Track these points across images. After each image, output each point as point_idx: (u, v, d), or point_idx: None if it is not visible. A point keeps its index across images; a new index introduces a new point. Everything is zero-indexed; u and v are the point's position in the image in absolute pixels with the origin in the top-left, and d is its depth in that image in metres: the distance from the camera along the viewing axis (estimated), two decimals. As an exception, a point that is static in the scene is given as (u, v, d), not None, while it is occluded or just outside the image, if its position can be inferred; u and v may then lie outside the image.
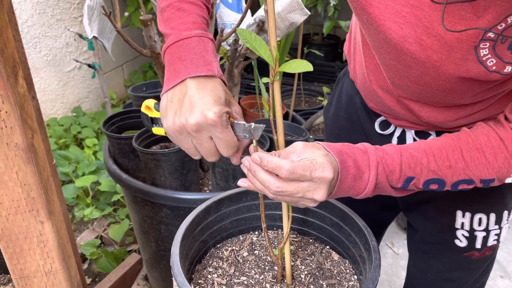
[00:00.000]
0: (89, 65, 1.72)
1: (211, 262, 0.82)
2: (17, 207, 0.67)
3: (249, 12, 1.45)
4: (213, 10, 1.32)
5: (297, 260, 0.83)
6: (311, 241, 0.89)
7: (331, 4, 2.40)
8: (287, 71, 0.60)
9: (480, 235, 0.86)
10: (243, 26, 1.43)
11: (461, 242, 0.88)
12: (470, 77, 0.62)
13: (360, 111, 0.93)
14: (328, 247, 0.87)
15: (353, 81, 0.94)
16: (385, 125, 0.88)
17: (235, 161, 0.67)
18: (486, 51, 0.58)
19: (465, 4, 0.56)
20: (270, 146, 1.33)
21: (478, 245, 0.87)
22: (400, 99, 0.77)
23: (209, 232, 0.84)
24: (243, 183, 0.64)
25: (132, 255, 1.74)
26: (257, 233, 0.90)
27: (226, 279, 0.77)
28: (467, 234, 0.87)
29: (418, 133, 0.84)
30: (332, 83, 2.65)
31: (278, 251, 0.74)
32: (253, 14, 1.51)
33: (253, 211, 0.88)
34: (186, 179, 1.32)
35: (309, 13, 1.29)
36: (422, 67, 0.65)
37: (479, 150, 0.65)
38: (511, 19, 0.54)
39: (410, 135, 0.84)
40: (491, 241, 0.87)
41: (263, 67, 2.31)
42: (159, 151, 1.27)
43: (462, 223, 0.86)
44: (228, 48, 1.45)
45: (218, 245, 0.87)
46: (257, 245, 0.86)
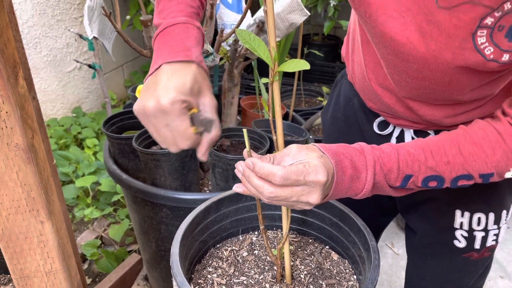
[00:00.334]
0: (90, 66, 1.72)
1: (210, 262, 0.82)
2: (17, 207, 0.68)
3: (249, 12, 1.45)
4: (213, 10, 1.32)
5: (296, 260, 0.83)
6: (311, 241, 0.89)
7: (331, 4, 2.41)
8: (285, 71, 0.60)
9: (479, 235, 0.86)
10: (243, 26, 1.43)
11: (460, 242, 0.88)
12: (467, 66, 0.62)
13: (358, 113, 0.93)
14: (327, 247, 0.87)
15: (351, 83, 0.94)
16: (383, 126, 0.88)
17: (200, 155, 0.67)
18: (483, 39, 0.58)
19: None
20: (270, 146, 1.33)
21: (477, 245, 0.87)
22: (399, 97, 0.78)
23: (209, 232, 0.84)
24: (238, 188, 0.64)
25: (132, 255, 1.74)
26: (256, 233, 0.90)
27: (225, 279, 0.78)
28: (466, 234, 0.87)
29: (416, 133, 0.84)
30: (332, 83, 2.64)
31: (277, 251, 0.74)
32: (253, 14, 1.51)
33: (253, 211, 0.88)
34: (186, 179, 1.32)
35: (309, 13, 1.29)
36: (420, 59, 0.64)
37: (477, 144, 0.65)
38: (507, 6, 0.54)
39: (408, 134, 0.84)
40: (489, 242, 0.87)
41: (263, 68, 2.31)
42: (159, 151, 1.27)
43: (461, 223, 0.86)
44: (228, 48, 1.45)
45: (217, 245, 0.87)
46: (257, 245, 0.86)
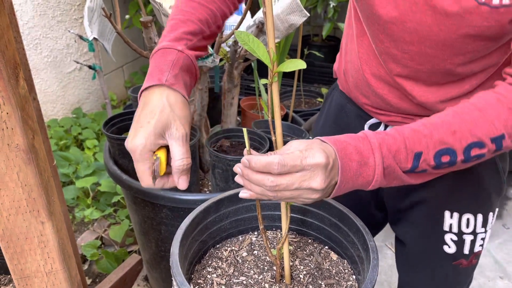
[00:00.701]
0: (90, 67, 1.72)
1: (210, 262, 0.83)
2: (18, 207, 0.68)
3: (248, 13, 1.45)
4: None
5: (296, 260, 0.83)
6: (310, 241, 0.89)
7: (331, 5, 2.41)
8: (283, 71, 0.60)
9: (468, 239, 0.87)
10: (242, 27, 1.44)
11: (450, 248, 0.88)
12: (461, 9, 0.63)
13: (350, 119, 0.94)
14: (326, 247, 0.87)
15: (343, 92, 0.96)
16: (374, 128, 0.89)
17: (178, 186, 0.68)
18: None
19: None
20: (269, 147, 1.33)
21: (466, 250, 0.88)
22: (392, 80, 0.78)
23: (209, 232, 0.84)
24: (244, 193, 0.63)
25: (132, 256, 1.74)
26: (256, 233, 0.90)
27: (225, 279, 0.78)
28: (455, 237, 0.87)
29: None
30: (332, 84, 2.65)
31: (276, 251, 0.75)
32: (252, 15, 1.51)
33: (252, 212, 0.88)
34: (186, 180, 1.32)
35: (309, 14, 1.29)
36: (417, 13, 0.66)
37: (480, 109, 0.63)
38: None
39: None
40: (477, 247, 0.88)
41: (263, 68, 2.31)
42: (159, 152, 1.28)
43: (450, 225, 0.87)
44: (228, 49, 1.45)
45: (217, 246, 0.87)
46: (256, 246, 0.87)
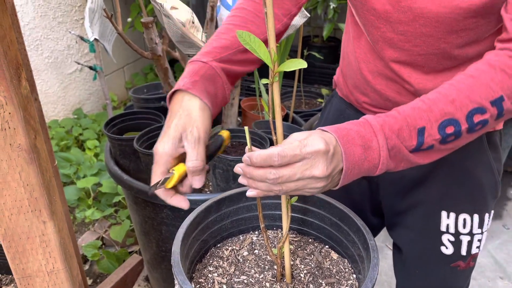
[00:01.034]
0: (90, 67, 1.73)
1: (211, 261, 0.83)
2: (20, 207, 0.68)
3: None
4: (213, 12, 1.33)
5: (296, 259, 0.84)
6: (311, 240, 0.89)
7: (331, 6, 2.42)
8: (284, 70, 0.61)
9: (465, 240, 0.87)
10: (243, 28, 1.44)
11: (447, 249, 0.88)
12: None
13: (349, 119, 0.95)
14: (327, 246, 0.88)
15: (342, 98, 0.97)
16: None
17: (194, 185, 0.71)
18: None
19: None
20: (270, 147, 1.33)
21: (463, 251, 0.88)
22: (390, 72, 0.79)
23: (210, 231, 0.85)
24: (250, 192, 0.63)
25: (133, 256, 1.74)
26: (257, 232, 0.91)
27: (226, 278, 0.78)
28: (452, 238, 0.87)
29: None
30: (332, 85, 2.65)
31: (277, 250, 0.75)
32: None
33: (253, 211, 0.88)
34: (186, 180, 1.33)
35: (309, 15, 1.30)
36: None
37: (473, 76, 0.62)
38: None
39: None
40: (474, 248, 0.88)
41: (264, 69, 2.31)
42: (160, 152, 1.28)
43: (447, 225, 0.87)
44: (228, 50, 1.46)
45: (218, 245, 0.88)
46: (257, 245, 0.87)
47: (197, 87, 0.70)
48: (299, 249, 0.87)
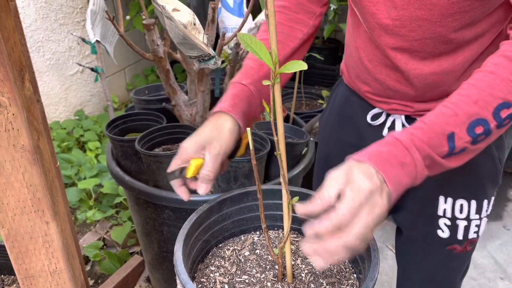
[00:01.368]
0: (92, 69, 1.74)
1: (213, 261, 0.83)
2: (23, 207, 0.69)
3: (250, 16, 1.46)
4: (215, 14, 1.34)
5: (297, 259, 0.84)
6: (312, 241, 0.90)
7: (331, 8, 2.42)
8: (285, 71, 0.61)
9: (461, 225, 0.89)
10: (244, 30, 1.45)
11: (444, 232, 0.90)
12: None
13: (354, 108, 0.97)
14: (328, 247, 0.88)
15: (347, 85, 0.99)
16: (376, 117, 0.92)
17: (199, 192, 0.80)
18: None
19: None
20: (270, 148, 1.34)
21: (459, 235, 0.90)
22: (389, 60, 0.80)
23: (211, 232, 0.85)
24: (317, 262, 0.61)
25: (134, 257, 1.74)
26: (258, 233, 0.91)
27: (228, 277, 0.79)
28: (449, 222, 0.89)
29: (407, 119, 0.87)
30: (332, 86, 2.66)
31: (278, 250, 0.75)
32: (254, 18, 1.52)
33: (255, 212, 0.89)
34: (188, 181, 1.33)
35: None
36: None
37: (492, 72, 0.62)
38: None
39: (399, 122, 0.88)
40: (471, 233, 0.90)
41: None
42: (162, 153, 1.29)
43: (444, 210, 0.89)
44: (229, 51, 1.46)
45: (220, 245, 0.88)
46: (259, 245, 0.88)
47: (235, 110, 0.80)
48: (300, 249, 0.87)
